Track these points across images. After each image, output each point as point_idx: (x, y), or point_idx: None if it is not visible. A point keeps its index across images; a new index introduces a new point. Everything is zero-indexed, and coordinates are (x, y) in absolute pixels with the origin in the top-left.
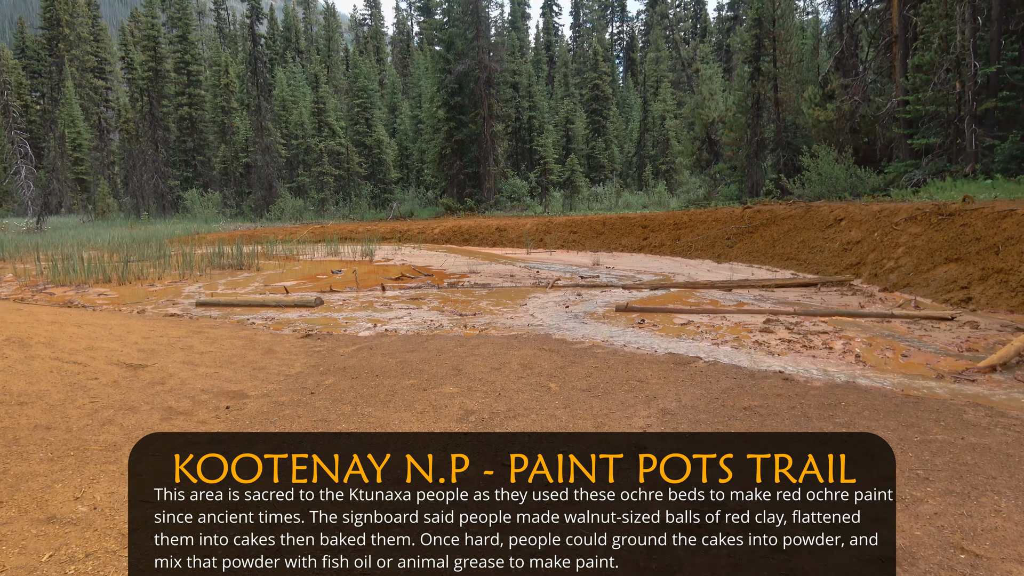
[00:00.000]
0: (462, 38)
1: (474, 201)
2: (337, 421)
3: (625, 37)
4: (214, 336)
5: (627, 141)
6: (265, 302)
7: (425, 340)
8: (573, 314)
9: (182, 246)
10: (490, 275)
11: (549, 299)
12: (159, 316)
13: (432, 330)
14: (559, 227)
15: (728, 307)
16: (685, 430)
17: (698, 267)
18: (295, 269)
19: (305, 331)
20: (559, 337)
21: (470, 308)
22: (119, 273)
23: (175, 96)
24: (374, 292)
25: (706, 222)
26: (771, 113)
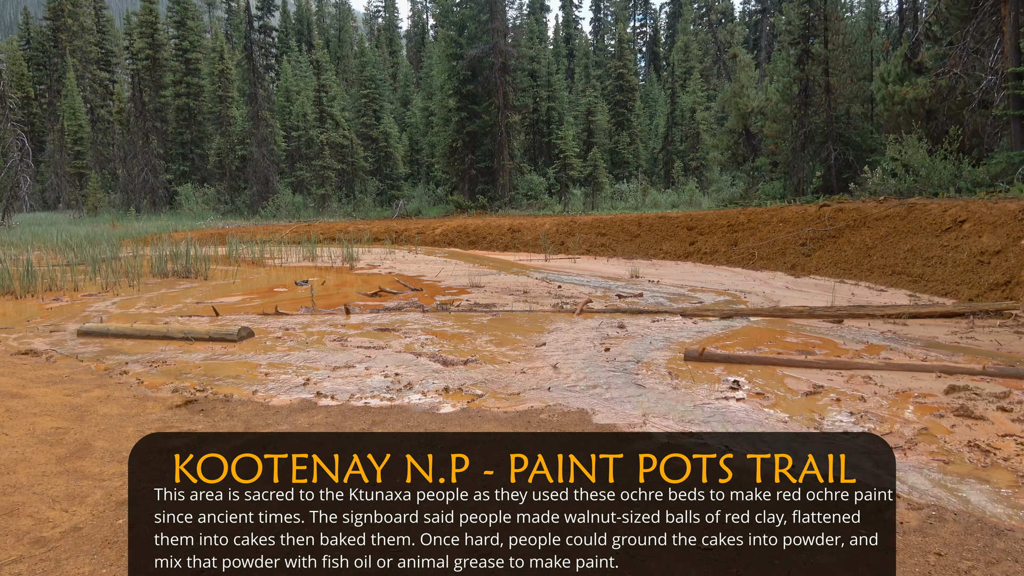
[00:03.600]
0: (475, 20)
1: (487, 199)
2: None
3: (648, 31)
4: (26, 404)
5: (652, 137)
6: (168, 333)
7: (373, 420)
8: (618, 364)
9: (140, 247)
10: (497, 290)
11: (578, 333)
12: (2, 355)
13: (393, 396)
14: (584, 228)
15: (862, 356)
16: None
17: (770, 282)
18: (252, 279)
19: (193, 390)
20: (604, 423)
21: (462, 348)
22: (23, 283)
23: (173, 85)
24: (335, 316)
25: (770, 223)
26: (821, 101)
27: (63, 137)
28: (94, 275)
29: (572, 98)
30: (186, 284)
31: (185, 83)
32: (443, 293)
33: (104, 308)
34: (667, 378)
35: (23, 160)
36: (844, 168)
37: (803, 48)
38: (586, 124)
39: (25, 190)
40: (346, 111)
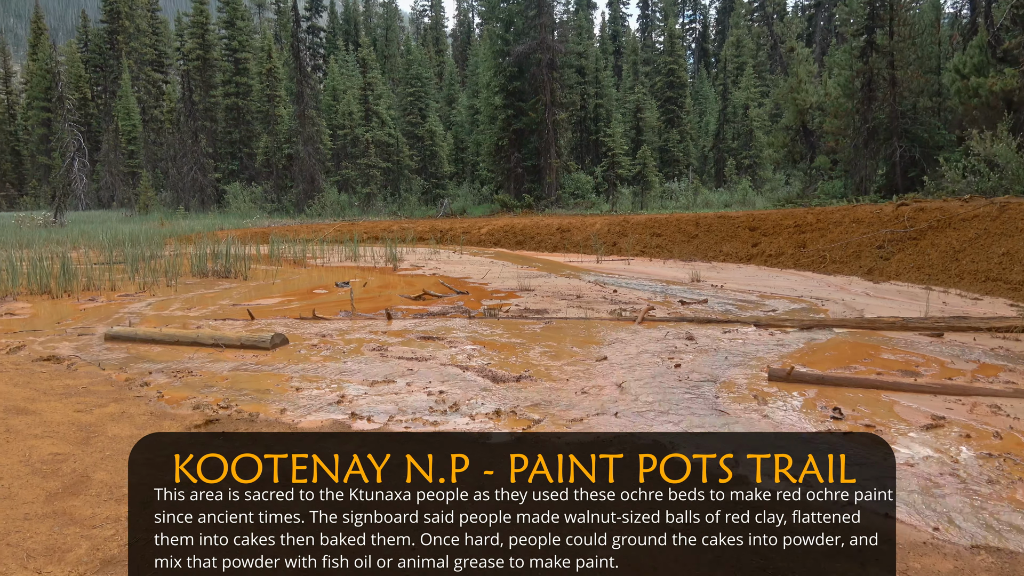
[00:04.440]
0: (522, 16)
1: (533, 197)
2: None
3: (698, 27)
4: (30, 422)
5: (702, 135)
6: (199, 339)
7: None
8: (692, 384)
9: (182, 246)
10: (548, 294)
11: (643, 345)
12: (24, 361)
13: (436, 419)
14: (637, 228)
15: (978, 379)
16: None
17: (847, 288)
18: (292, 279)
19: (216, 406)
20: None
21: (513, 361)
22: (60, 282)
23: (223, 85)
24: (376, 321)
25: (841, 223)
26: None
27: (117, 137)
28: (132, 274)
29: (620, 95)
30: (225, 284)
31: (234, 82)
32: (490, 297)
33: (138, 310)
34: (752, 403)
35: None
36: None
37: (867, 40)
38: (634, 122)
39: (81, 189)
40: (392, 109)
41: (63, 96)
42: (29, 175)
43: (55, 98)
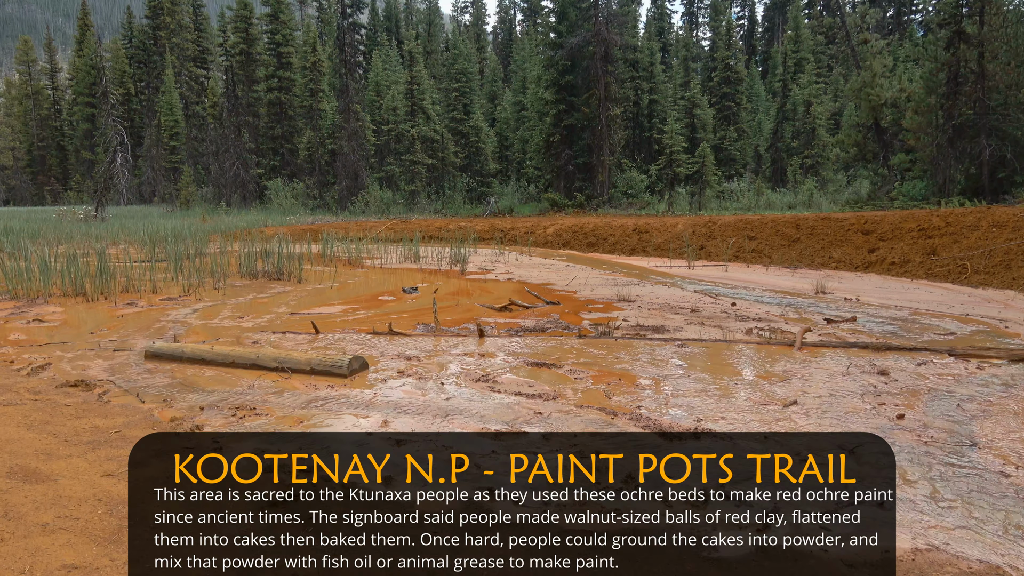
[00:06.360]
0: (575, 7)
1: (584, 196)
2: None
3: (747, 22)
4: (41, 497)
5: (756, 133)
6: (258, 360)
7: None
8: (947, 449)
9: (228, 243)
10: (654, 306)
11: (826, 381)
12: (46, 388)
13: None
14: (726, 230)
15: None
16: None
17: (1012, 304)
18: (351, 283)
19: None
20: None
21: (671, 404)
22: (96, 283)
23: (265, 79)
24: (465, 338)
25: (978, 228)
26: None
27: (160, 132)
28: (176, 274)
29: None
30: (278, 288)
31: (277, 77)
32: (587, 309)
33: (183, 317)
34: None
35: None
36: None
37: (954, 30)
38: (690, 119)
39: (123, 184)
40: (436, 105)
41: (107, 91)
42: (73, 170)
43: (99, 93)
